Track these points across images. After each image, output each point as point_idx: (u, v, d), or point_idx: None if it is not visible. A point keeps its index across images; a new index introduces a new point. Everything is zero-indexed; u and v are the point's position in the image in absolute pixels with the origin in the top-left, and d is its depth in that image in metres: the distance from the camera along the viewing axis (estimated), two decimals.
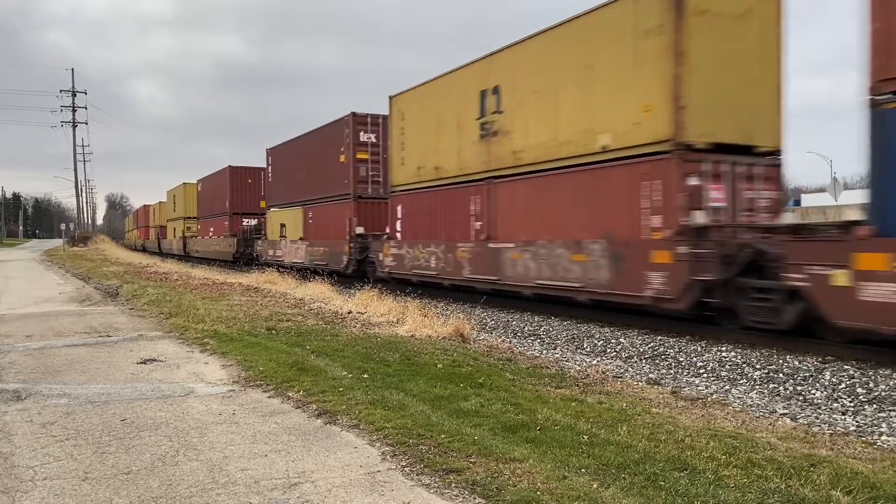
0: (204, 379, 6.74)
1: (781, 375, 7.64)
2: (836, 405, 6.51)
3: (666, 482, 3.89)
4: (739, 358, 8.48)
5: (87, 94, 78.28)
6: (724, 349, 9.04)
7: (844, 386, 7.08)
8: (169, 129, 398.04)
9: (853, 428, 5.69)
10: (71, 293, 16.66)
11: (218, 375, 6.89)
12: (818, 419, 6.00)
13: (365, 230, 20.53)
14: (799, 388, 7.16)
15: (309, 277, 17.83)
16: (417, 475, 4.08)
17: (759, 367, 8.03)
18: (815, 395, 6.89)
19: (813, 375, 7.53)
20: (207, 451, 4.53)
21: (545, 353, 9.43)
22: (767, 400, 6.75)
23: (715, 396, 6.73)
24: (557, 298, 12.60)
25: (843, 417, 6.09)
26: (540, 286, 12.63)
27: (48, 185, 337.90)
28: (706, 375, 7.95)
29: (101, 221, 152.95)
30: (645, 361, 8.82)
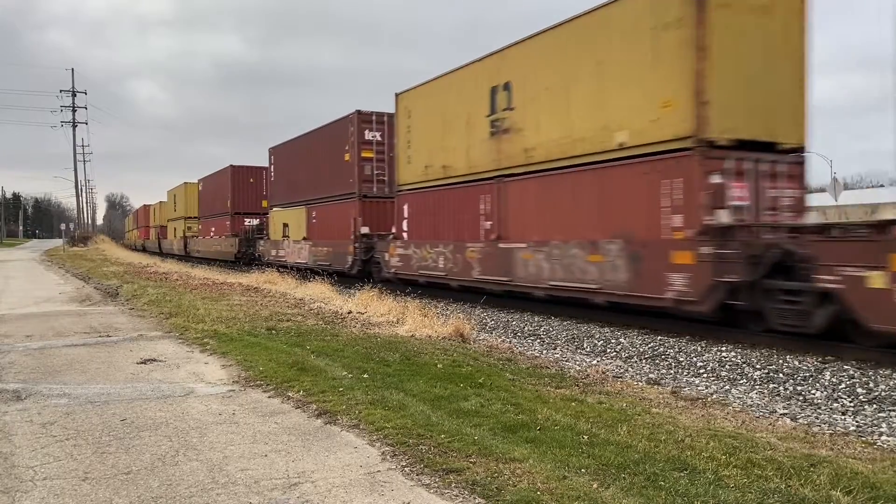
0: (204, 379, 6.74)
1: (781, 375, 7.64)
2: (836, 405, 6.51)
3: (666, 482, 3.89)
4: (739, 358, 8.48)
5: (87, 94, 78.36)
6: (724, 349, 9.04)
7: (844, 386, 7.08)
8: (169, 129, 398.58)
9: (853, 428, 5.69)
10: (71, 293, 16.66)
11: (218, 375, 6.89)
12: (818, 419, 6.00)
13: (370, 230, 20.17)
14: (799, 388, 7.16)
15: (309, 277, 17.81)
16: (417, 475, 4.08)
17: (759, 367, 8.03)
18: (815, 395, 6.89)
19: (813, 375, 7.53)
20: (207, 451, 4.53)
21: (545, 353, 9.43)
22: (767, 400, 6.75)
23: (715, 396, 6.74)
24: (572, 300, 12.23)
25: (843, 417, 6.09)
26: (553, 287, 12.30)
27: (48, 185, 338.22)
28: (706, 375, 7.95)
29: (101, 221, 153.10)
30: (645, 361, 8.82)
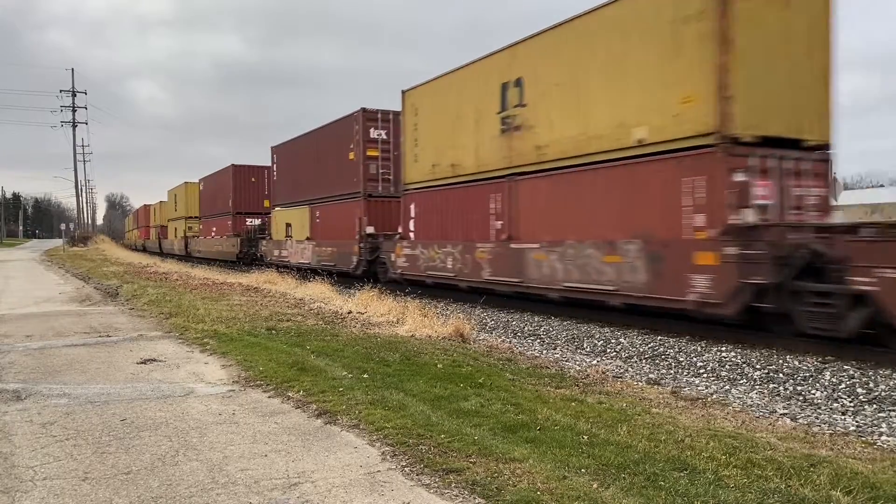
0: (204, 379, 6.74)
1: (781, 375, 7.64)
2: (836, 405, 6.51)
3: (666, 482, 3.89)
4: (739, 358, 8.48)
5: (87, 94, 78.61)
6: (724, 349, 9.04)
7: (844, 386, 7.08)
8: (169, 128, 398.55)
9: (853, 428, 5.70)
10: (71, 293, 16.66)
11: (218, 375, 6.89)
12: (818, 419, 6.00)
13: (375, 230, 19.85)
14: (799, 388, 7.16)
15: (309, 277, 17.80)
16: (417, 475, 4.08)
17: (759, 367, 8.03)
18: (815, 395, 6.89)
19: (813, 375, 7.53)
20: (207, 451, 4.53)
21: (545, 353, 9.43)
22: (767, 400, 6.75)
23: (715, 396, 6.74)
24: (587, 302, 11.87)
25: (843, 417, 6.09)
26: (568, 289, 11.89)
27: (48, 185, 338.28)
28: (706, 375, 7.95)
29: (101, 221, 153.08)
30: (645, 361, 8.82)
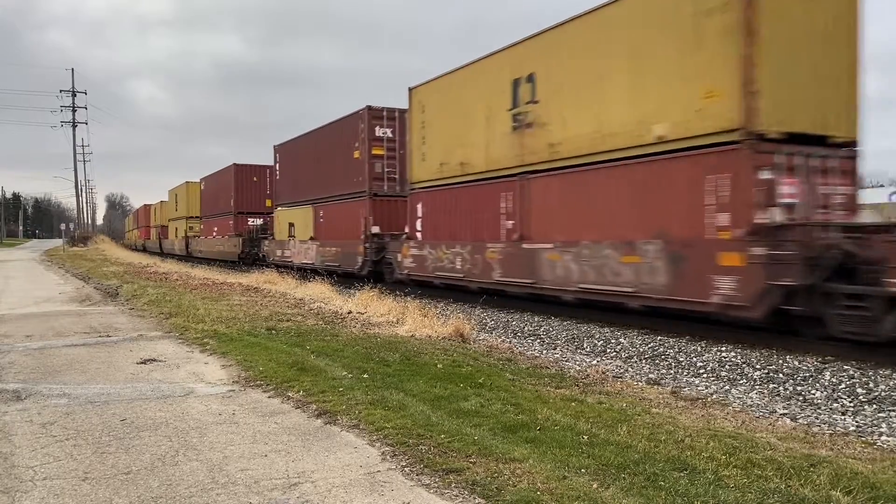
0: (204, 379, 6.74)
1: (781, 375, 7.64)
2: (836, 405, 6.51)
3: (666, 482, 3.89)
4: (739, 358, 8.49)
5: (87, 94, 78.70)
6: (723, 349, 9.04)
7: (844, 386, 7.08)
8: (169, 128, 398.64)
9: (853, 428, 5.70)
10: (71, 293, 16.66)
11: (218, 375, 6.89)
12: (818, 419, 6.00)
13: (381, 230, 19.54)
14: (799, 388, 7.16)
15: (309, 277, 17.79)
16: (417, 475, 4.08)
17: (759, 367, 8.03)
18: (815, 395, 6.89)
19: (813, 375, 7.53)
20: (207, 451, 4.53)
21: (545, 353, 9.43)
22: (767, 400, 6.75)
23: (715, 396, 6.74)
24: (604, 304, 11.53)
25: (842, 417, 6.10)
26: (583, 291, 11.51)
27: (48, 185, 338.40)
28: (706, 375, 7.95)
29: (100, 221, 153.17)
30: (645, 361, 8.82)
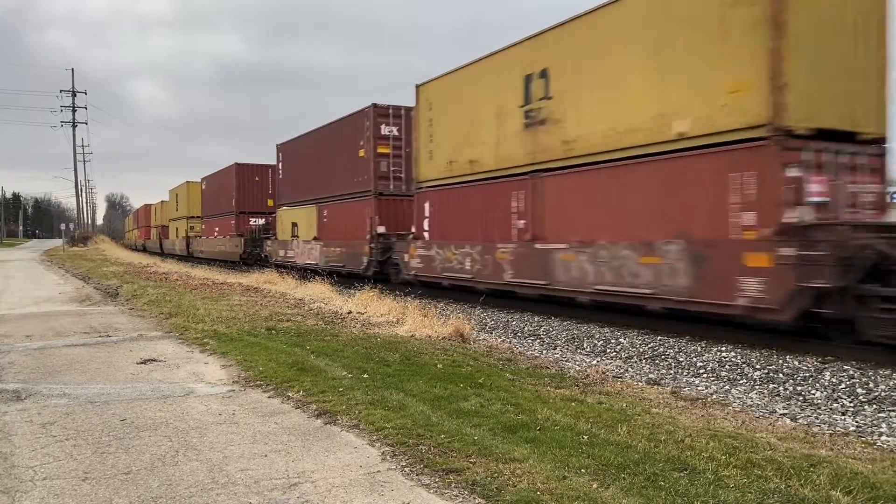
0: (204, 379, 6.74)
1: (781, 375, 7.64)
2: (835, 405, 6.52)
3: (666, 482, 3.89)
4: (739, 358, 8.49)
5: (87, 94, 78.91)
6: (723, 349, 9.04)
7: (844, 386, 7.08)
8: (169, 128, 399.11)
9: (853, 428, 5.70)
10: (71, 293, 16.66)
11: (218, 375, 6.89)
12: (818, 419, 6.00)
13: (386, 230, 19.20)
14: (799, 388, 7.16)
15: (309, 277, 17.78)
16: (417, 475, 4.08)
17: (759, 367, 8.03)
18: (815, 395, 6.89)
19: (813, 375, 7.53)
20: (207, 451, 4.53)
21: (545, 353, 9.43)
22: (767, 400, 6.75)
23: (715, 396, 6.74)
24: (621, 306, 11.21)
25: (842, 417, 6.10)
26: (600, 292, 11.15)
27: (48, 185, 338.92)
28: (706, 375, 7.95)
29: (100, 221, 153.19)
30: (645, 361, 8.82)
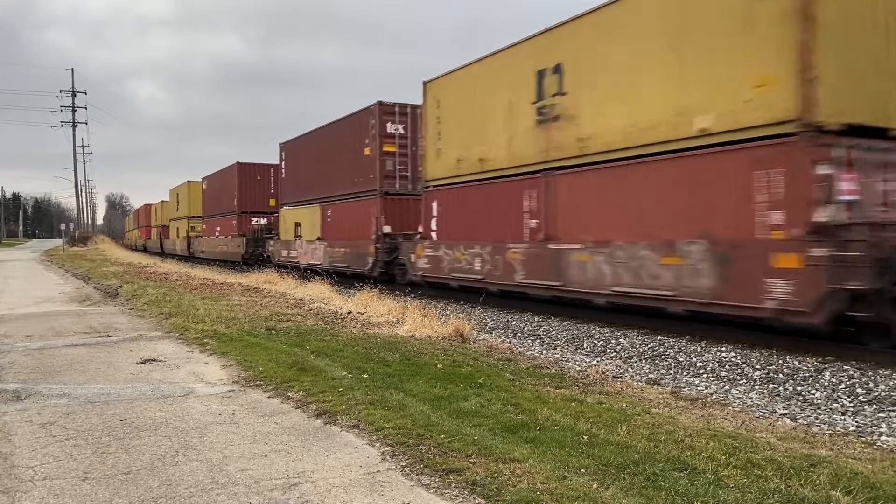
0: (204, 379, 6.74)
1: (781, 376, 7.64)
2: (835, 405, 6.51)
3: (666, 482, 3.89)
4: (739, 358, 8.49)
5: (87, 94, 79.18)
6: (723, 349, 9.04)
7: (844, 386, 7.08)
8: (169, 128, 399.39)
9: (853, 428, 5.70)
10: (71, 293, 16.66)
11: (218, 375, 6.89)
12: (818, 419, 6.00)
13: (392, 229, 18.87)
14: (799, 388, 7.16)
15: (309, 277, 17.77)
16: (417, 475, 4.08)
17: (758, 367, 8.03)
18: (814, 395, 6.89)
19: (813, 376, 7.53)
20: (207, 451, 4.53)
21: (545, 353, 9.43)
22: (767, 400, 6.75)
23: (715, 397, 6.74)
24: (640, 309, 10.86)
25: (842, 418, 6.10)
26: (617, 294, 10.80)
27: (48, 185, 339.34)
28: (706, 375, 7.95)
29: (100, 221, 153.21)
30: (645, 361, 8.83)
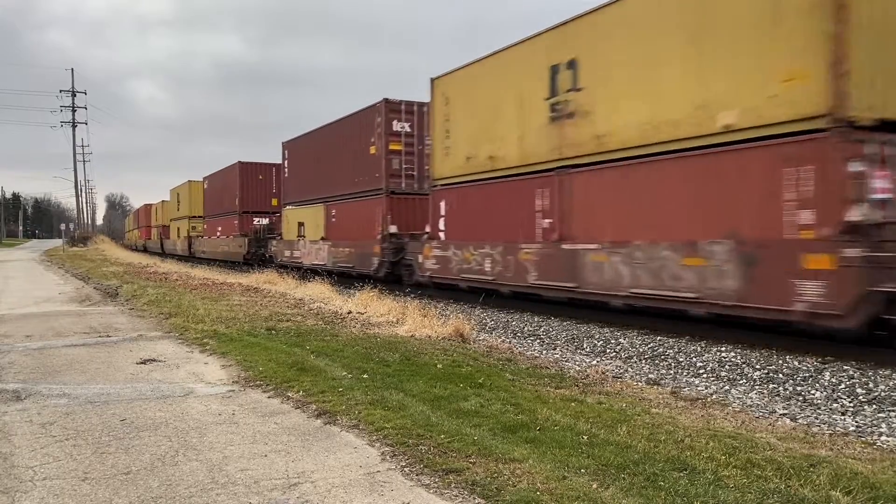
0: (203, 379, 6.74)
1: (781, 376, 7.64)
2: (835, 405, 6.51)
3: (665, 482, 3.89)
4: (739, 358, 8.49)
5: (86, 94, 79.22)
6: (723, 349, 9.04)
7: (844, 386, 7.08)
8: (169, 128, 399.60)
9: (853, 428, 5.70)
10: (70, 293, 16.66)
11: (217, 376, 6.89)
12: (818, 419, 6.00)
13: (398, 229, 18.53)
14: (799, 388, 7.16)
15: (309, 277, 17.77)
16: (417, 475, 4.08)
17: (758, 367, 8.03)
18: (814, 395, 6.89)
19: (813, 376, 7.53)
20: (207, 451, 4.53)
21: (545, 353, 9.43)
22: (767, 400, 6.75)
23: (715, 397, 6.74)
24: (660, 311, 10.54)
25: (842, 418, 6.09)
26: (636, 296, 10.49)
27: (48, 185, 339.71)
28: (706, 376, 7.95)
29: (100, 221, 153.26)
30: (644, 362, 8.83)
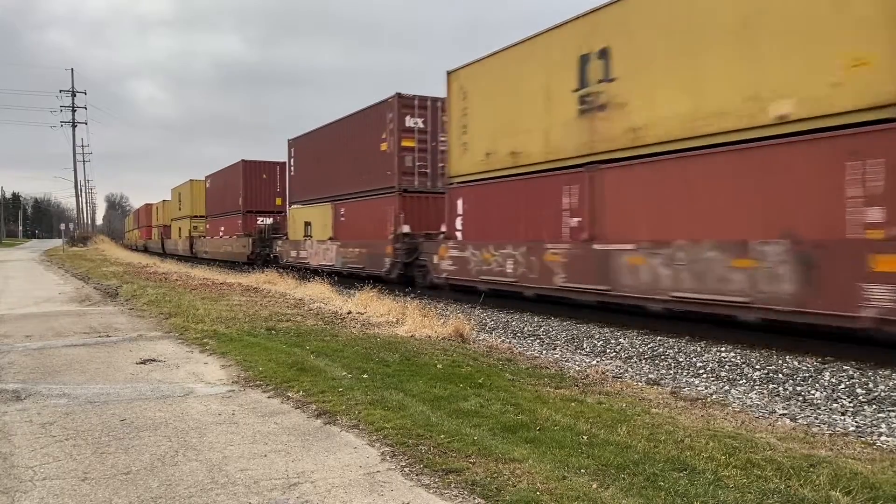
0: (203, 379, 6.74)
1: (781, 376, 7.64)
2: (835, 405, 6.52)
3: (665, 482, 3.89)
4: (739, 358, 8.49)
5: (86, 94, 79.43)
6: (723, 349, 9.04)
7: (844, 386, 7.08)
8: (169, 128, 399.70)
9: (853, 428, 5.70)
10: (70, 293, 16.66)
11: (217, 376, 6.89)
12: (818, 419, 6.00)
13: (411, 228, 17.94)
14: (798, 388, 7.17)
15: (308, 278, 17.77)
16: (417, 475, 4.08)
17: (758, 367, 8.03)
18: (814, 395, 6.89)
19: (812, 376, 7.53)
20: (207, 451, 4.53)
21: (545, 353, 9.43)
22: (767, 400, 6.75)
23: (714, 397, 6.74)
24: (704, 316, 9.90)
25: (842, 418, 6.10)
26: (677, 300, 9.84)
27: (48, 185, 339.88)
28: (706, 376, 7.95)
29: (100, 221, 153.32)
30: (644, 362, 8.83)
